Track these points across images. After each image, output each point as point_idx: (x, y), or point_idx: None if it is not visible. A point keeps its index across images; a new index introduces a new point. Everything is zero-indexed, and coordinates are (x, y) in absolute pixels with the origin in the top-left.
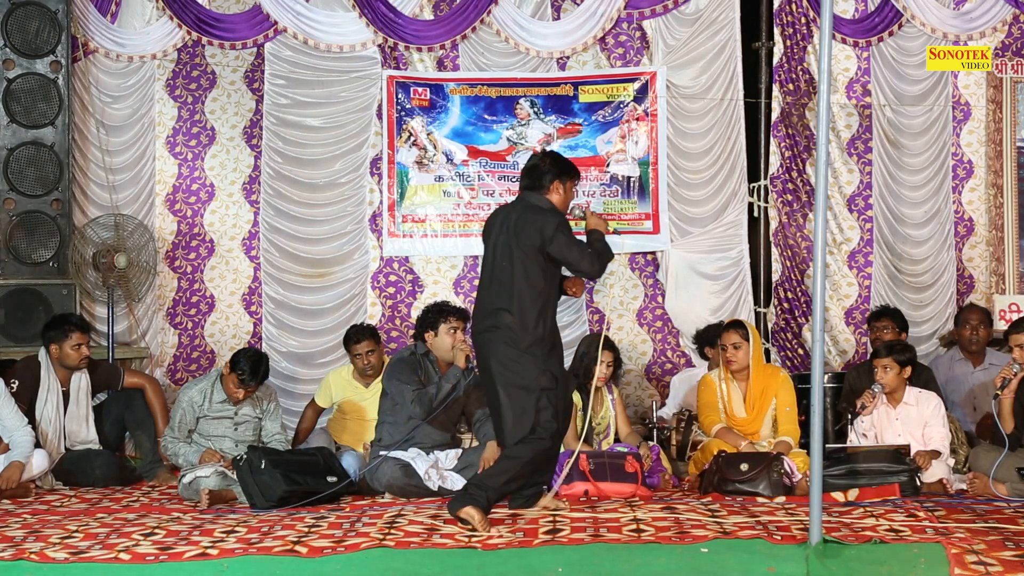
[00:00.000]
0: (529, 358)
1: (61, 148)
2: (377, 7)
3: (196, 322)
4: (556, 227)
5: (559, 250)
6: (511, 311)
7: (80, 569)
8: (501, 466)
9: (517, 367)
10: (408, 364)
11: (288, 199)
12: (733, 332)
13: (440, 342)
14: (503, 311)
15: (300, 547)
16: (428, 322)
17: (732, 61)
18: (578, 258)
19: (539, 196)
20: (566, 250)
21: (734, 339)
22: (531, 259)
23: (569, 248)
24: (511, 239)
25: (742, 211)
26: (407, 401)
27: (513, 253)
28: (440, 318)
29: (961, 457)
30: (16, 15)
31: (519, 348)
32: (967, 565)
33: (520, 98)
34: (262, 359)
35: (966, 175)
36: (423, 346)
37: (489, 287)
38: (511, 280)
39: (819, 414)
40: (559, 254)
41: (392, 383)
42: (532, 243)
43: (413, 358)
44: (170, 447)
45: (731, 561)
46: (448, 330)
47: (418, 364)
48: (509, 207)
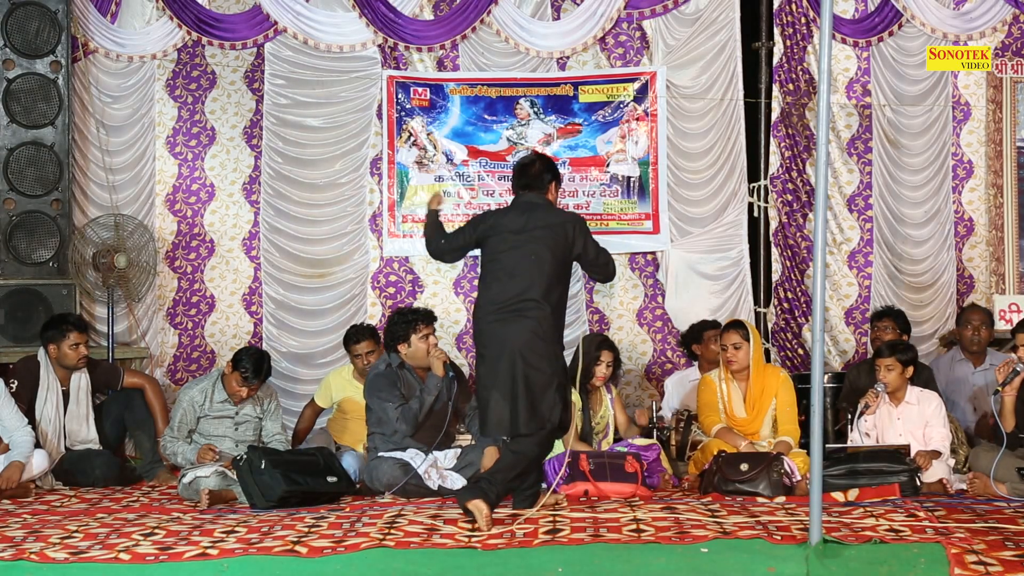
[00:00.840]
0: (555, 348)
1: (61, 148)
2: (377, 7)
3: (196, 322)
4: (585, 228)
5: (591, 250)
6: (541, 304)
7: (80, 569)
8: (509, 461)
9: (542, 359)
10: (387, 378)
11: (288, 199)
12: (733, 332)
13: (414, 352)
14: (532, 302)
15: (300, 547)
16: (398, 334)
17: (732, 61)
18: (605, 260)
19: (541, 196)
20: (598, 251)
21: (734, 339)
22: (560, 257)
23: (599, 253)
24: (542, 232)
25: (742, 211)
26: (392, 419)
27: (544, 249)
28: (410, 328)
29: (961, 457)
30: (16, 15)
31: (546, 340)
32: (967, 565)
33: (520, 98)
34: (264, 357)
35: (966, 175)
36: (397, 357)
37: (512, 280)
38: (543, 275)
39: (819, 414)
40: (590, 253)
41: (373, 400)
42: (564, 238)
43: (391, 371)
44: (170, 446)
45: (731, 561)
46: (420, 338)
47: (396, 377)
48: (523, 204)
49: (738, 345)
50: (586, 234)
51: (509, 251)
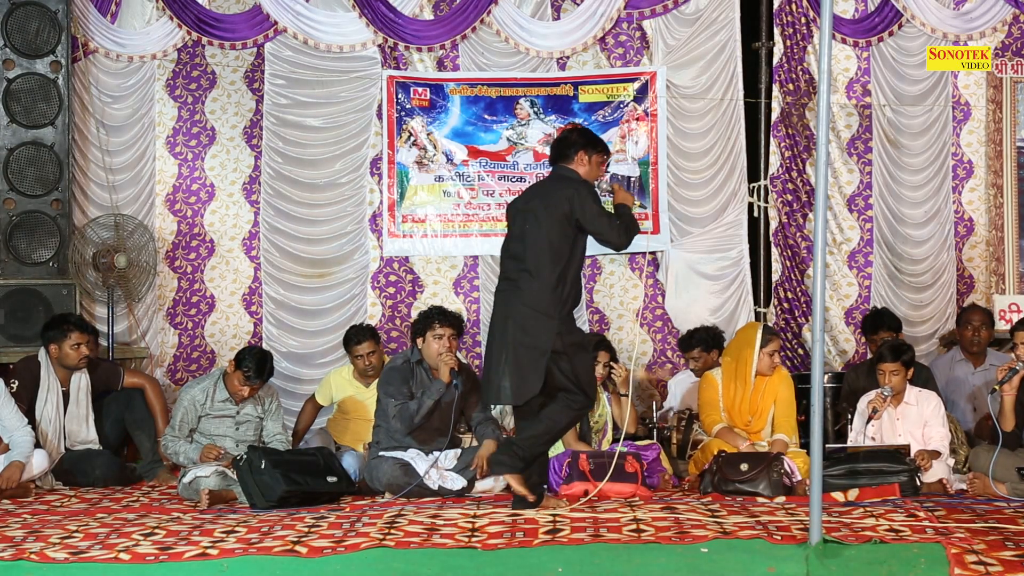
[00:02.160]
0: (545, 320)
1: (61, 148)
2: (377, 7)
3: (196, 322)
4: (585, 196)
5: (588, 219)
6: (535, 277)
7: (80, 569)
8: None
9: (532, 331)
10: (399, 373)
11: (288, 199)
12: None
13: (427, 349)
14: (526, 274)
15: (300, 547)
16: (418, 327)
17: (732, 61)
18: (607, 227)
19: (566, 168)
20: (596, 219)
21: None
22: (558, 226)
23: (598, 218)
24: (540, 205)
25: (742, 211)
26: (389, 416)
27: (540, 219)
28: (428, 325)
29: (961, 457)
30: (16, 15)
31: (536, 310)
32: (967, 565)
33: (520, 98)
34: (267, 357)
35: (966, 175)
36: (417, 353)
37: (512, 254)
38: (538, 249)
39: (819, 414)
40: (588, 223)
41: (380, 392)
42: (561, 210)
43: (406, 366)
44: (171, 446)
45: (731, 561)
46: (434, 337)
47: (410, 372)
48: (543, 180)
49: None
50: (585, 201)
51: (515, 227)
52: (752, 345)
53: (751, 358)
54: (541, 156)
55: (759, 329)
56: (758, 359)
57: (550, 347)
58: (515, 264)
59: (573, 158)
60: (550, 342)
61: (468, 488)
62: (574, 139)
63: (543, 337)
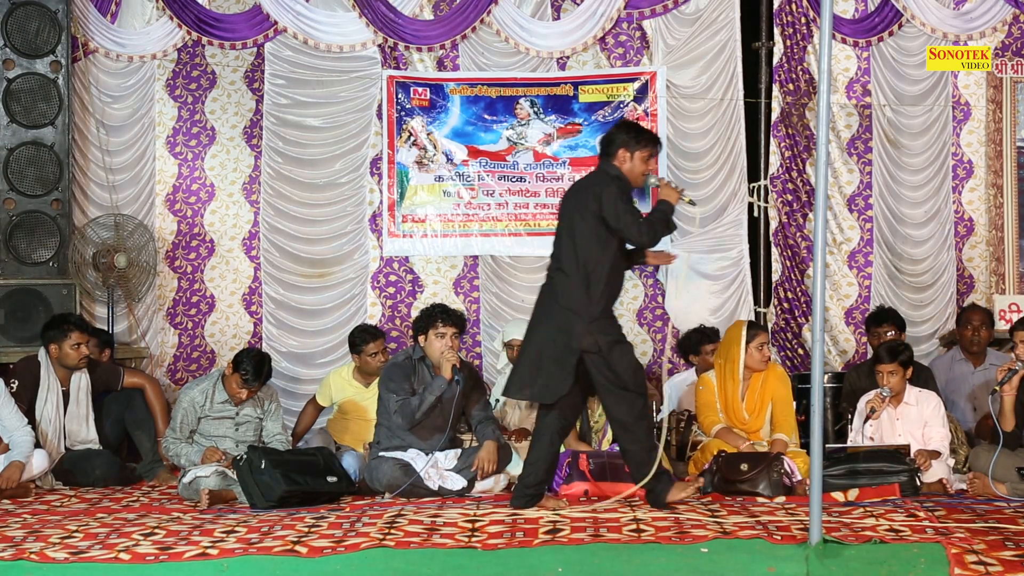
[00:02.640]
0: (575, 319)
1: (61, 148)
2: (377, 7)
3: (196, 322)
4: (612, 193)
5: (611, 216)
6: (566, 274)
7: (80, 569)
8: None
9: (563, 326)
10: (401, 370)
11: (288, 199)
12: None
13: (429, 347)
14: (559, 272)
15: (300, 547)
16: (420, 325)
17: (732, 61)
18: (627, 224)
19: (608, 163)
20: (617, 217)
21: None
22: (587, 223)
23: (620, 215)
24: (573, 203)
25: (742, 211)
26: (390, 412)
27: (572, 217)
28: (430, 323)
29: (961, 457)
30: (16, 15)
31: (568, 308)
32: (967, 565)
33: (520, 98)
34: (265, 359)
35: (966, 175)
36: (420, 350)
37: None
38: (570, 245)
39: (819, 414)
40: (612, 220)
41: (382, 388)
42: (589, 208)
43: (408, 363)
44: (171, 447)
45: (731, 561)
46: (436, 335)
47: (412, 369)
48: (583, 177)
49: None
50: (610, 198)
51: (558, 225)
52: (738, 342)
53: (738, 354)
54: (541, 156)
55: (744, 325)
56: (745, 353)
57: (580, 347)
58: (553, 263)
59: (615, 155)
60: (580, 341)
61: (468, 488)
62: (617, 136)
63: (573, 336)
